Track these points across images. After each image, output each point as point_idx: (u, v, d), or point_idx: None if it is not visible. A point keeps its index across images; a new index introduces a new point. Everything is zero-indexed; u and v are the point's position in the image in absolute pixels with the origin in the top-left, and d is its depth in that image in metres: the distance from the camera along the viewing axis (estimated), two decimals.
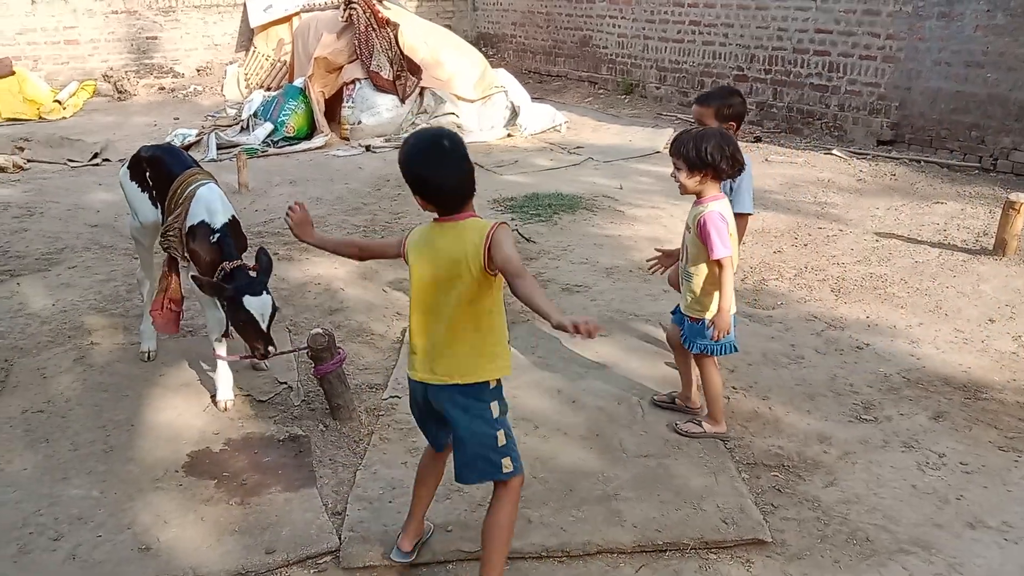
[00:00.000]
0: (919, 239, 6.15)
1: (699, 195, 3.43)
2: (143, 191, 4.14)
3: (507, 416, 2.69)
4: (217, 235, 3.76)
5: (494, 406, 2.63)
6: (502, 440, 2.62)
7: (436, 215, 2.61)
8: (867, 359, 4.36)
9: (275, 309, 3.68)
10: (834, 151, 8.82)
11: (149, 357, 4.34)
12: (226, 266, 3.67)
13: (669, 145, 3.73)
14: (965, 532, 3.06)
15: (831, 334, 4.63)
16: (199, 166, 4.16)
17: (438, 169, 2.53)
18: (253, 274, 3.69)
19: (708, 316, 3.50)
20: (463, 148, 2.57)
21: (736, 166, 3.35)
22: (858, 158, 8.60)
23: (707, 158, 3.29)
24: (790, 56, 9.72)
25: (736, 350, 3.64)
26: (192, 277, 3.73)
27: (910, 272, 5.52)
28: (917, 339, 4.58)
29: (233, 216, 3.88)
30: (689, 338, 3.60)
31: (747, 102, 3.99)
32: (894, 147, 8.74)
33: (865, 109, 8.98)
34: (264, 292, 3.62)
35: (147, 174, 4.13)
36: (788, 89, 9.82)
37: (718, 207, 3.39)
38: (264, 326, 3.60)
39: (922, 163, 8.26)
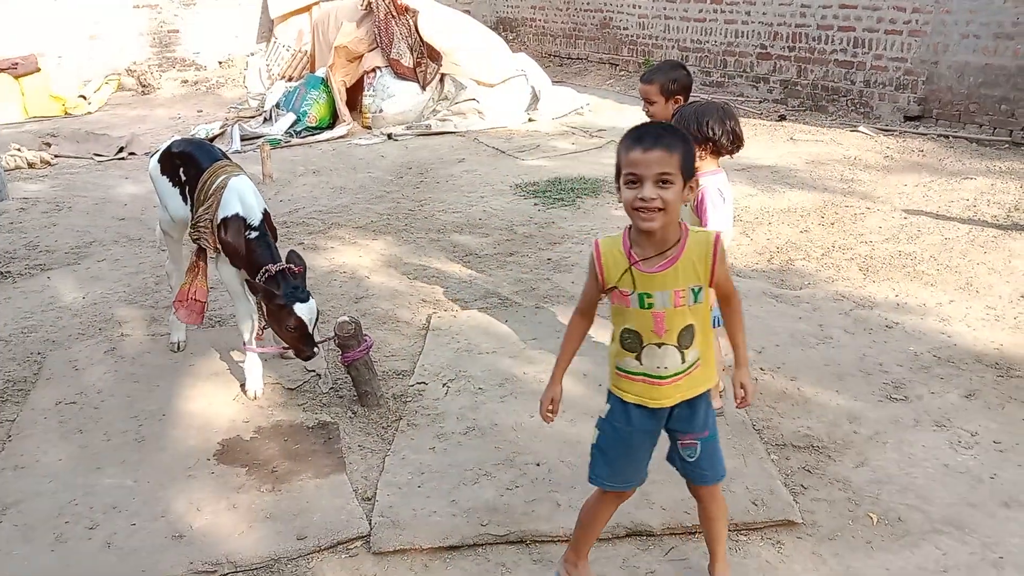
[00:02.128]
0: (948, 215, 6.06)
1: (696, 168, 3.44)
2: (174, 186, 4.16)
3: (607, 426, 2.59)
4: (256, 233, 3.78)
5: (604, 407, 2.60)
6: (593, 439, 2.61)
7: None
8: (897, 338, 4.31)
9: (318, 312, 3.76)
10: (860, 128, 8.71)
11: (179, 348, 4.39)
12: (271, 269, 3.69)
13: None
14: (999, 511, 3.02)
15: (860, 313, 4.58)
16: (229, 159, 4.18)
17: None
18: (294, 277, 3.72)
19: None
20: None
21: (736, 141, 3.38)
22: (885, 134, 8.48)
23: (708, 132, 3.34)
24: (814, 32, 9.58)
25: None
26: (247, 282, 3.78)
27: (939, 249, 5.44)
28: (948, 317, 4.52)
29: (265, 209, 3.91)
30: None
31: (691, 74, 4.01)
32: (921, 123, 8.61)
33: (891, 85, 8.85)
34: (309, 297, 3.69)
35: (180, 169, 4.14)
36: (813, 66, 9.69)
37: (716, 181, 3.42)
38: (311, 330, 3.68)
39: (950, 138, 8.13)
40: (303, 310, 3.63)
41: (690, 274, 2.36)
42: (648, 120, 2.34)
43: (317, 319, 3.74)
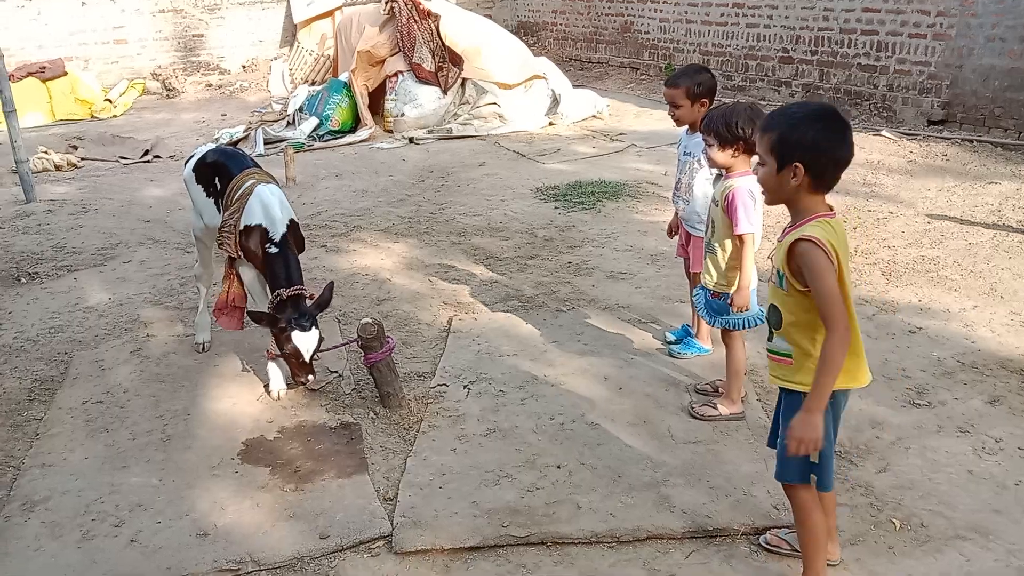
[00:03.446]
0: (972, 220, 6.01)
1: (728, 169, 3.44)
2: (209, 196, 4.20)
3: None
4: (276, 249, 3.77)
5: None
6: None
7: (814, 212, 2.42)
8: (920, 343, 4.28)
9: (320, 340, 3.75)
10: (883, 132, 8.65)
11: (204, 348, 4.44)
12: (283, 293, 3.69)
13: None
14: None
15: (883, 318, 4.56)
16: (259, 167, 4.20)
17: (850, 141, 2.39)
18: (306, 302, 3.72)
19: (731, 291, 3.52)
20: None
21: None
22: (908, 139, 8.42)
23: (738, 132, 3.34)
24: (837, 36, 9.54)
25: (760, 323, 3.61)
26: (248, 312, 3.83)
27: (964, 254, 5.40)
28: (971, 322, 4.48)
29: (292, 220, 3.89)
30: (709, 313, 3.61)
31: (715, 76, 4.01)
32: (945, 127, 8.53)
33: (915, 89, 8.79)
34: (312, 327, 3.68)
35: (215, 179, 4.17)
36: (835, 70, 9.64)
37: (747, 183, 3.41)
38: (307, 359, 3.70)
39: (975, 143, 8.05)
40: (299, 339, 3.64)
41: (780, 257, 2.47)
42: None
43: (318, 348, 3.74)
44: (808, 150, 2.34)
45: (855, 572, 2.78)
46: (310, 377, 3.75)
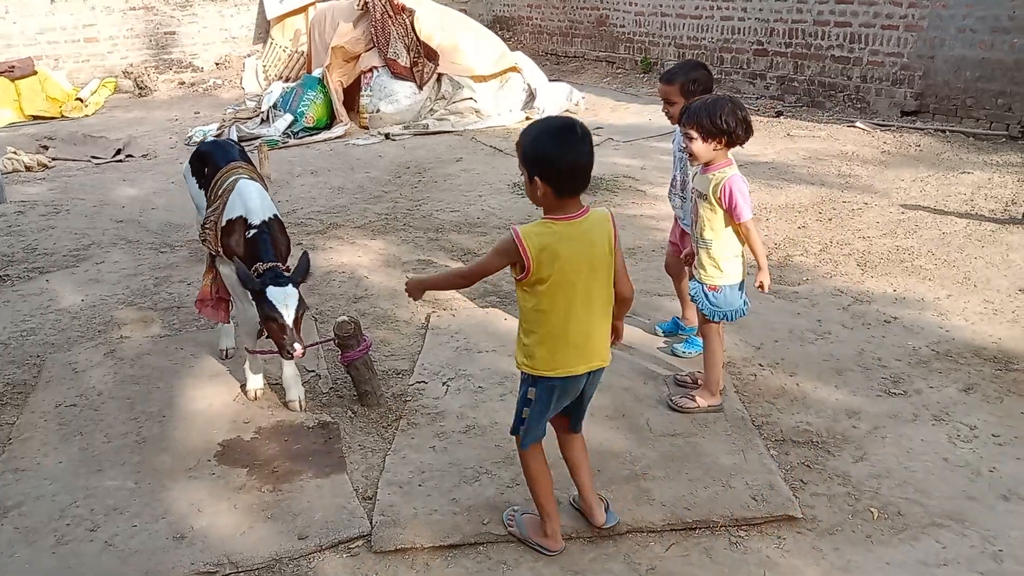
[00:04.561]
0: (946, 210, 6.07)
1: (709, 163, 3.43)
2: (200, 188, 4.16)
3: None
4: (254, 232, 3.70)
5: None
6: None
7: (554, 214, 2.63)
8: (895, 332, 4.32)
9: (304, 305, 3.56)
10: (857, 123, 8.71)
11: (227, 355, 4.31)
12: (259, 267, 3.60)
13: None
14: (999, 504, 3.03)
15: (858, 308, 4.59)
16: (244, 160, 4.14)
17: (578, 149, 2.56)
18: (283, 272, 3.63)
19: (729, 282, 3.55)
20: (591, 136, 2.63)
21: (749, 131, 3.37)
22: (882, 130, 8.48)
23: (722, 125, 3.33)
24: (810, 28, 9.59)
25: (744, 314, 3.67)
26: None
27: (937, 244, 5.45)
28: (946, 311, 4.53)
29: (274, 215, 3.81)
30: (707, 306, 3.59)
31: (712, 74, 3.99)
32: (918, 117, 8.61)
33: (888, 80, 8.85)
34: (289, 284, 3.51)
35: (204, 170, 4.14)
36: (809, 62, 9.69)
37: (736, 172, 3.43)
38: (288, 319, 3.44)
39: (947, 133, 8.13)
40: (274, 293, 3.44)
41: None
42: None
43: (300, 308, 3.51)
44: (537, 164, 2.54)
45: (833, 561, 2.80)
46: (296, 347, 3.42)
